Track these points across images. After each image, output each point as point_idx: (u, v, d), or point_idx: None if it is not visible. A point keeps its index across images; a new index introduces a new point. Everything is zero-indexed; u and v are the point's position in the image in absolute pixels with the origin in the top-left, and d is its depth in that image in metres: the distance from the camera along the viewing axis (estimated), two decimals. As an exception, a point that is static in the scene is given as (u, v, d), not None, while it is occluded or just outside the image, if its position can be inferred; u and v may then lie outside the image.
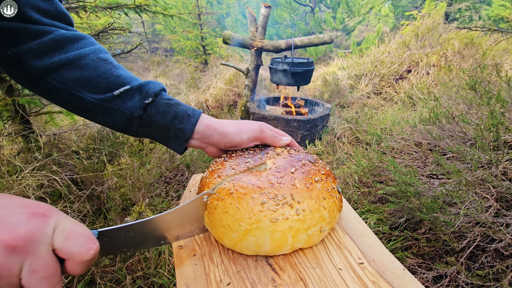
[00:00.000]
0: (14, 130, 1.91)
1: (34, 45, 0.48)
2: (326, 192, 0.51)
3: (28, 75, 0.50)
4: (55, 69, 0.50)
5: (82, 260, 0.30)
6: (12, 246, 0.25)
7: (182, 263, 0.49)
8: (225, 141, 0.58)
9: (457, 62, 3.56)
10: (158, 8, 2.49)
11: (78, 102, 0.52)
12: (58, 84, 0.50)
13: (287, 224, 0.47)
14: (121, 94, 0.52)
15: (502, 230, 1.02)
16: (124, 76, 0.54)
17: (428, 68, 3.72)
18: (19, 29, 0.47)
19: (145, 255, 1.34)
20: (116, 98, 0.52)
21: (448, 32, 3.95)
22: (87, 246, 0.30)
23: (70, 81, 0.51)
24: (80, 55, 0.51)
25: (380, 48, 4.48)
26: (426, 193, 1.25)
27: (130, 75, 0.56)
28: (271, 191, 0.48)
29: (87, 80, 0.51)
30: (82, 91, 0.51)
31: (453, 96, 2.16)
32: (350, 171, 1.84)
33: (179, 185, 1.94)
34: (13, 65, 0.49)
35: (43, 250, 0.28)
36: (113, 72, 0.53)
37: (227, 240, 0.49)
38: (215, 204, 0.50)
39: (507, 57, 3.46)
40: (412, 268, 1.17)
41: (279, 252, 0.49)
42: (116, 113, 0.53)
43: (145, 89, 0.54)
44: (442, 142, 1.56)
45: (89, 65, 0.52)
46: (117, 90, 0.52)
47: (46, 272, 0.28)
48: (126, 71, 0.56)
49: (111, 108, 0.53)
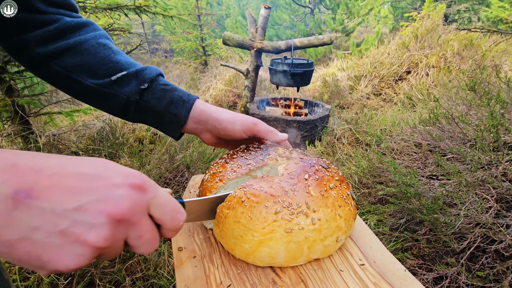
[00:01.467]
0: (13, 131, 1.90)
1: (39, 33, 0.51)
2: (341, 199, 0.49)
3: (32, 60, 0.52)
4: (56, 55, 0.52)
5: (174, 228, 0.34)
6: (119, 219, 0.28)
7: (182, 265, 0.49)
8: (219, 128, 0.58)
9: (457, 63, 3.57)
10: (158, 9, 2.49)
11: (78, 87, 0.54)
12: (59, 68, 0.52)
13: (303, 235, 0.45)
14: (118, 79, 0.54)
15: (503, 231, 1.02)
16: (122, 62, 0.55)
17: (428, 69, 3.72)
18: (26, 19, 0.49)
19: (145, 256, 1.33)
20: (113, 83, 0.54)
21: (448, 33, 3.96)
22: (178, 219, 0.34)
23: (71, 66, 0.52)
24: (80, 41, 0.53)
25: (379, 49, 4.48)
26: (426, 194, 1.25)
27: (129, 60, 0.57)
28: (285, 199, 0.46)
29: (86, 66, 0.53)
30: (82, 76, 0.53)
31: (452, 97, 2.16)
32: (350, 172, 1.84)
33: (179, 186, 1.94)
34: (18, 50, 0.52)
35: (144, 219, 0.31)
36: (111, 58, 0.55)
37: (239, 251, 0.47)
38: (226, 213, 0.47)
39: (506, 58, 3.47)
40: (413, 269, 1.16)
41: (293, 264, 0.47)
42: (114, 98, 0.55)
43: (141, 74, 0.55)
44: (442, 143, 1.56)
45: (88, 50, 0.53)
46: (115, 76, 0.53)
47: (149, 236, 0.31)
48: (125, 57, 0.57)
49: (109, 93, 0.54)
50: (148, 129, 2.71)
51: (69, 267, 0.25)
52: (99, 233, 0.26)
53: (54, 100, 2.31)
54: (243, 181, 0.53)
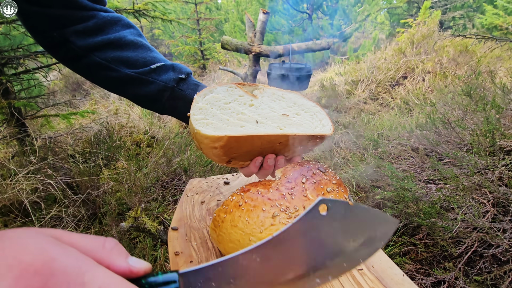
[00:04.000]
0: (9, 133, 1.89)
1: (79, 28, 0.55)
2: None
3: (72, 53, 0.56)
4: (98, 48, 0.57)
5: None
6: None
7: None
8: None
9: (452, 69, 3.61)
10: (157, 13, 2.50)
11: (116, 75, 0.58)
12: (99, 60, 0.57)
13: None
14: (157, 68, 0.60)
15: (500, 236, 1.02)
16: (159, 57, 0.62)
17: (424, 74, 3.76)
18: (67, 14, 0.53)
19: (141, 261, 1.31)
20: (152, 72, 0.59)
21: (443, 39, 4.01)
22: None
23: (111, 57, 0.57)
24: (120, 36, 0.58)
25: (376, 55, 4.53)
26: (423, 198, 1.25)
27: (163, 58, 0.63)
28: (283, 203, 0.46)
29: (126, 58, 0.58)
30: (121, 66, 0.58)
31: (449, 102, 2.18)
32: (347, 176, 1.84)
33: (176, 189, 1.93)
34: (58, 44, 0.56)
35: None
36: (149, 54, 0.61)
37: None
38: (223, 217, 0.47)
39: (501, 64, 3.52)
40: (411, 274, 1.16)
41: None
42: (151, 84, 0.60)
43: (178, 67, 0.62)
44: (438, 148, 1.57)
45: (128, 45, 0.59)
46: (154, 65, 0.59)
47: None
48: (159, 54, 0.64)
49: (147, 80, 0.59)
50: (145, 132, 2.70)
51: None
52: None
53: (51, 102, 2.29)
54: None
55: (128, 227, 1.46)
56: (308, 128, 0.54)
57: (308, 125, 0.55)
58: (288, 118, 0.53)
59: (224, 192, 0.76)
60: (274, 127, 0.51)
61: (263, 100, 0.53)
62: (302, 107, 0.56)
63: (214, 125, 0.48)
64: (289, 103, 0.55)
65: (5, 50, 1.83)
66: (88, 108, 3.45)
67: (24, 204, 1.50)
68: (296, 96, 0.56)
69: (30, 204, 1.51)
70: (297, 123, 0.54)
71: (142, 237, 1.46)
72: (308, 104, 0.57)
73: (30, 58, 1.92)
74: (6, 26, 1.74)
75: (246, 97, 0.52)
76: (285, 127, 0.52)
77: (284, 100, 0.55)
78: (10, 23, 1.72)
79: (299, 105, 0.56)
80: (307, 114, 0.56)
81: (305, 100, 0.57)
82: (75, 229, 1.52)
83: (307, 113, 0.56)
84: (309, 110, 0.56)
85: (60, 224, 1.52)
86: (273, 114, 0.52)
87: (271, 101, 0.54)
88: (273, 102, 0.54)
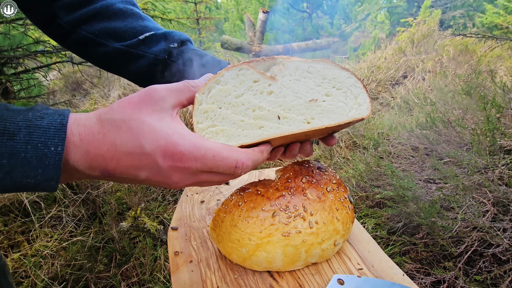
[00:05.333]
0: (8, 133, 1.88)
1: (66, 1, 0.51)
2: (338, 202, 0.49)
3: (61, 29, 0.53)
4: (84, 21, 0.52)
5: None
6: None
7: (178, 269, 0.48)
8: None
9: (452, 68, 3.61)
10: (156, 12, 2.50)
11: (104, 50, 0.53)
12: (86, 34, 0.53)
13: (300, 238, 0.44)
14: (146, 38, 0.53)
15: (500, 235, 1.02)
16: (150, 26, 0.55)
17: (424, 73, 3.76)
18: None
19: (141, 261, 1.31)
20: (141, 43, 0.53)
21: (443, 38, 4.01)
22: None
23: (98, 30, 0.52)
24: (107, 4, 0.53)
25: (376, 54, 4.53)
26: (423, 197, 1.25)
27: (157, 26, 0.56)
28: (282, 203, 0.45)
29: (113, 29, 0.53)
30: (109, 40, 0.53)
31: (449, 101, 2.18)
32: (347, 175, 1.84)
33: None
34: (47, 22, 0.53)
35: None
36: (139, 23, 0.54)
37: (236, 255, 0.46)
38: (223, 217, 0.47)
39: (501, 63, 3.51)
40: (411, 273, 1.16)
41: (291, 268, 0.47)
42: (141, 59, 0.53)
43: (171, 35, 0.54)
44: (439, 147, 1.57)
45: (116, 14, 0.53)
46: (142, 35, 0.53)
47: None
48: (153, 22, 0.56)
49: (136, 54, 0.53)
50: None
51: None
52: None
53: (51, 102, 2.29)
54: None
55: (128, 227, 1.46)
56: (341, 114, 0.44)
57: (341, 109, 0.45)
58: (316, 103, 0.44)
59: (224, 191, 0.76)
60: (300, 121, 0.43)
61: (284, 83, 0.43)
62: (333, 83, 0.45)
63: (226, 133, 0.40)
64: (317, 80, 0.44)
65: (5, 50, 1.82)
66: (88, 107, 3.45)
67: (24, 204, 1.50)
68: (325, 66, 0.45)
69: (30, 204, 1.51)
70: (328, 109, 0.44)
71: (142, 236, 1.46)
72: (341, 75, 0.45)
73: (29, 58, 1.92)
74: (6, 25, 1.74)
75: (263, 81, 0.42)
76: (313, 118, 0.43)
77: (311, 76, 0.44)
78: (10, 23, 1.71)
79: (330, 79, 0.45)
80: (339, 92, 0.45)
81: (336, 69, 0.45)
82: (75, 229, 1.52)
83: (340, 89, 0.45)
84: (342, 85, 0.45)
85: (60, 224, 1.53)
86: (298, 102, 0.43)
87: (294, 82, 0.43)
88: (297, 83, 0.43)
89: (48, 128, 0.30)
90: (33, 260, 1.26)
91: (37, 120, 0.30)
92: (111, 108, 0.33)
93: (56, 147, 0.30)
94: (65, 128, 0.31)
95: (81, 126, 0.32)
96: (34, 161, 0.29)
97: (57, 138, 0.30)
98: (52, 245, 1.37)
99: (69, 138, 0.31)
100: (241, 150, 0.37)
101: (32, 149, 0.29)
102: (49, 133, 0.30)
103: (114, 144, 0.32)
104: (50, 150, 0.30)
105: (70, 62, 2.51)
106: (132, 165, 0.33)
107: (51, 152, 0.30)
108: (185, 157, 0.33)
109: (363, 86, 0.46)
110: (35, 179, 0.29)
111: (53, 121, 0.31)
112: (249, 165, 0.37)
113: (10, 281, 0.52)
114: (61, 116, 0.31)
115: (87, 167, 0.32)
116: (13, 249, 1.36)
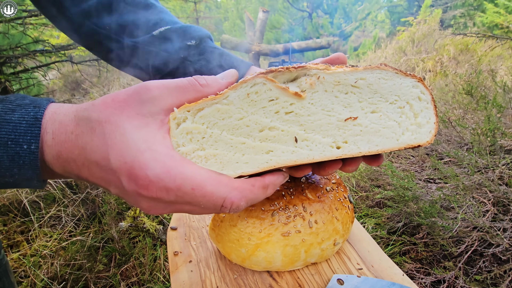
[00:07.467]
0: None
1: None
2: (338, 202, 0.49)
3: (70, 22, 0.49)
4: (92, 13, 0.48)
5: None
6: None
7: (178, 269, 0.48)
8: None
9: (453, 67, 3.61)
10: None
11: (116, 46, 0.49)
12: (97, 28, 0.48)
13: (300, 238, 0.44)
14: (161, 34, 0.47)
15: (500, 235, 1.02)
16: (166, 19, 0.49)
17: (424, 73, 3.75)
18: None
19: (140, 261, 1.31)
20: (155, 40, 0.48)
21: (444, 38, 4.00)
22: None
23: (108, 24, 0.48)
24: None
25: (376, 53, 4.52)
26: (423, 197, 1.25)
27: (174, 19, 0.51)
28: (282, 202, 0.45)
29: (125, 23, 0.48)
30: (120, 35, 0.48)
31: (449, 101, 2.18)
32: (347, 175, 1.84)
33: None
34: (56, 15, 0.49)
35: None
36: (154, 16, 0.49)
37: (235, 255, 0.46)
38: (222, 216, 0.47)
39: (502, 63, 3.51)
40: (411, 273, 1.16)
41: (290, 268, 0.46)
42: (154, 57, 0.48)
43: (188, 30, 0.48)
44: (439, 147, 1.57)
45: (128, 6, 0.48)
46: (157, 30, 0.47)
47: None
48: (170, 15, 0.51)
49: (149, 51, 0.48)
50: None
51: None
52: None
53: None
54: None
55: (127, 227, 1.46)
56: (388, 138, 0.33)
57: (390, 131, 0.33)
58: (354, 122, 0.32)
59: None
60: (326, 145, 0.32)
61: (314, 100, 0.31)
62: (385, 96, 0.33)
63: (219, 158, 0.30)
64: (365, 94, 0.32)
65: (4, 49, 1.82)
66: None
67: (23, 204, 1.50)
68: (381, 76, 0.32)
69: (29, 204, 1.50)
70: (370, 130, 0.32)
71: (142, 236, 1.46)
72: (402, 85, 0.33)
73: (28, 57, 1.92)
74: (5, 24, 1.74)
75: (283, 99, 0.31)
76: (346, 142, 0.32)
77: (356, 92, 0.32)
78: (9, 22, 1.71)
79: (382, 93, 0.33)
80: (392, 108, 0.33)
81: (397, 78, 0.33)
82: (74, 229, 1.52)
83: (393, 104, 0.33)
84: (399, 98, 0.33)
85: (59, 224, 1.52)
86: (327, 121, 0.32)
87: (330, 98, 0.32)
88: (334, 99, 0.32)
89: (19, 123, 0.25)
90: (32, 260, 1.26)
91: (6, 114, 0.25)
92: (92, 104, 0.28)
93: (29, 144, 0.25)
94: (39, 123, 0.26)
95: (56, 122, 0.27)
96: (5, 160, 0.25)
97: (29, 134, 0.25)
98: (52, 245, 1.37)
99: (42, 136, 0.26)
100: (233, 185, 0.29)
101: (1, 148, 0.25)
102: (20, 129, 0.25)
103: (84, 149, 0.27)
104: (23, 149, 0.25)
105: (69, 61, 2.51)
106: (101, 178, 0.28)
107: (24, 150, 0.25)
108: (152, 184, 0.26)
109: (432, 99, 0.33)
110: (13, 179, 0.26)
111: (26, 114, 0.26)
112: (240, 206, 0.29)
113: (12, 280, 0.51)
114: (36, 108, 0.26)
115: (61, 170, 0.28)
116: (12, 249, 1.36)
